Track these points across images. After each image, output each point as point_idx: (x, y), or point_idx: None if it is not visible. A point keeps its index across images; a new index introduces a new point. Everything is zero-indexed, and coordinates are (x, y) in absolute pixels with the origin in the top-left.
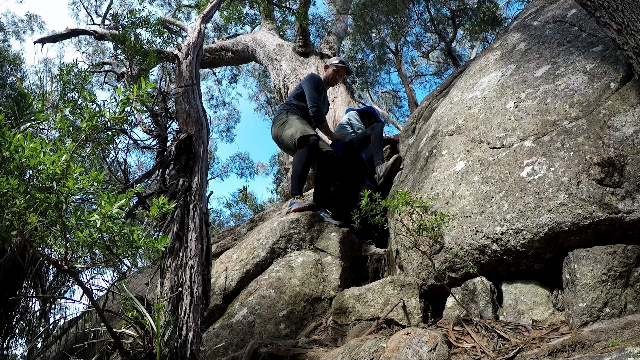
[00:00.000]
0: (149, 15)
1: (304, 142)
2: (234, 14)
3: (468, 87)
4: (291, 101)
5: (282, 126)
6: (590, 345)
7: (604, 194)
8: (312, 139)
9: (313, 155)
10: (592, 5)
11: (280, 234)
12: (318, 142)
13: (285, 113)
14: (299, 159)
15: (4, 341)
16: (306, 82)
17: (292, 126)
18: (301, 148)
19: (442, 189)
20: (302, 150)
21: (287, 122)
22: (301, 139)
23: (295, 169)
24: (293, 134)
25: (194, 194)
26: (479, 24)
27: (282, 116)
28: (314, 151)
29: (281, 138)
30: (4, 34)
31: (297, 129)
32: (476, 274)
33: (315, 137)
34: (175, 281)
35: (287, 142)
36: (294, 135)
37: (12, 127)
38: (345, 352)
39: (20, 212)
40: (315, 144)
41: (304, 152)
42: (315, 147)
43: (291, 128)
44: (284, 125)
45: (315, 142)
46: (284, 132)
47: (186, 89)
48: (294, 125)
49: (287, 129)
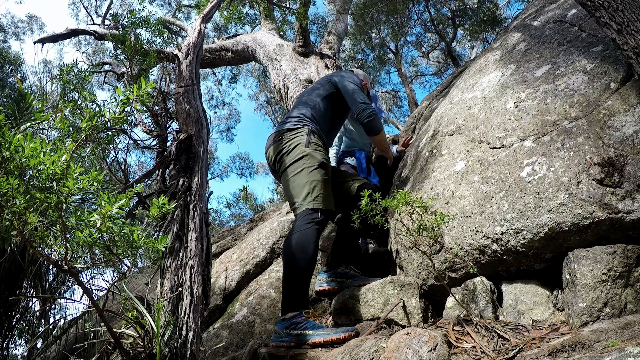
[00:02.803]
0: (149, 15)
1: (315, 215)
2: (234, 14)
3: (468, 87)
4: (317, 105)
5: (293, 152)
6: (590, 345)
7: (604, 194)
8: (327, 215)
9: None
10: (592, 5)
11: (280, 234)
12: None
13: (308, 132)
14: (302, 245)
15: (4, 341)
16: (343, 78)
17: (310, 175)
18: (307, 218)
19: (442, 189)
20: (308, 229)
21: (304, 157)
22: (314, 212)
23: (296, 265)
24: (307, 192)
25: (194, 194)
26: (479, 24)
27: (298, 134)
28: (324, 229)
29: (282, 169)
30: (3, 34)
31: (316, 189)
32: (476, 274)
33: (332, 213)
34: (175, 281)
35: (292, 188)
36: (306, 196)
37: (12, 127)
38: (345, 352)
39: (20, 212)
40: (326, 222)
41: (311, 232)
42: (325, 225)
43: (307, 176)
44: (299, 160)
45: (327, 219)
46: (294, 170)
47: (186, 89)
48: (314, 177)
49: (300, 170)
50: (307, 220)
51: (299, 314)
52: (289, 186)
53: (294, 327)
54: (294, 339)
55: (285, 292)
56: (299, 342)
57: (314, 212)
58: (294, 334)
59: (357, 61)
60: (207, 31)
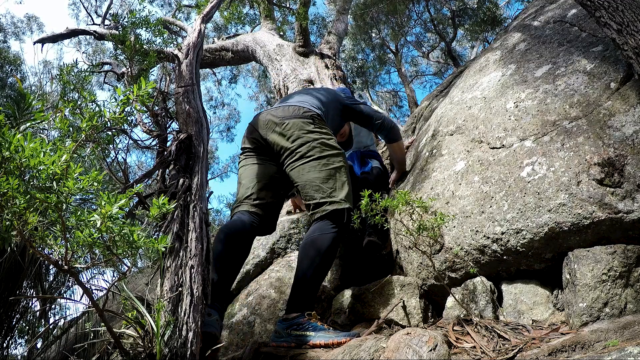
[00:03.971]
0: (149, 15)
1: (341, 218)
2: (234, 14)
3: (468, 87)
4: (335, 101)
5: (305, 137)
6: (590, 345)
7: (604, 194)
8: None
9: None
10: (592, 5)
11: (280, 234)
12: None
13: (317, 118)
14: (324, 253)
15: (4, 341)
16: (353, 103)
17: (337, 172)
18: (331, 225)
19: (442, 189)
20: (331, 231)
21: (318, 148)
22: (341, 212)
23: (315, 270)
24: (332, 188)
25: (194, 194)
26: (479, 24)
27: (311, 122)
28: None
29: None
30: (3, 34)
31: (344, 186)
32: (476, 274)
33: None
34: (175, 281)
35: (306, 182)
36: (333, 195)
37: (12, 127)
38: (345, 352)
39: (20, 212)
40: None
41: (333, 237)
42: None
43: (329, 170)
44: (314, 149)
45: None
46: (310, 162)
47: (186, 89)
48: (340, 177)
49: (320, 161)
50: (331, 224)
51: (301, 314)
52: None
53: (296, 328)
54: (295, 339)
55: (296, 292)
56: (300, 343)
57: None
58: (295, 335)
59: (357, 61)
60: (207, 31)
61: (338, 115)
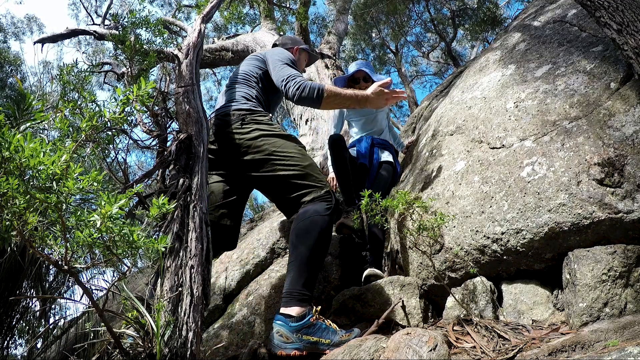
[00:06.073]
0: (149, 15)
1: (329, 201)
2: (234, 14)
3: (468, 87)
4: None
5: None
6: (590, 345)
7: (604, 194)
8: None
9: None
10: (592, 5)
11: (281, 234)
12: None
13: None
14: (319, 239)
15: (4, 341)
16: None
17: (299, 160)
18: (321, 209)
19: (442, 189)
20: (323, 215)
21: (277, 142)
22: (325, 196)
23: (312, 258)
24: (302, 172)
25: (194, 194)
26: (479, 24)
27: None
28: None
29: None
30: (3, 35)
31: (313, 170)
32: (476, 274)
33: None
34: (175, 281)
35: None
36: (310, 182)
37: (12, 127)
38: (345, 352)
39: (20, 212)
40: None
41: (327, 221)
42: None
43: (296, 159)
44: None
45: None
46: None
47: (186, 89)
48: (303, 162)
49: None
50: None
51: (308, 311)
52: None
53: (306, 332)
54: (308, 346)
55: (295, 279)
56: (313, 351)
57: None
58: (306, 341)
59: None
60: (207, 31)
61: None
